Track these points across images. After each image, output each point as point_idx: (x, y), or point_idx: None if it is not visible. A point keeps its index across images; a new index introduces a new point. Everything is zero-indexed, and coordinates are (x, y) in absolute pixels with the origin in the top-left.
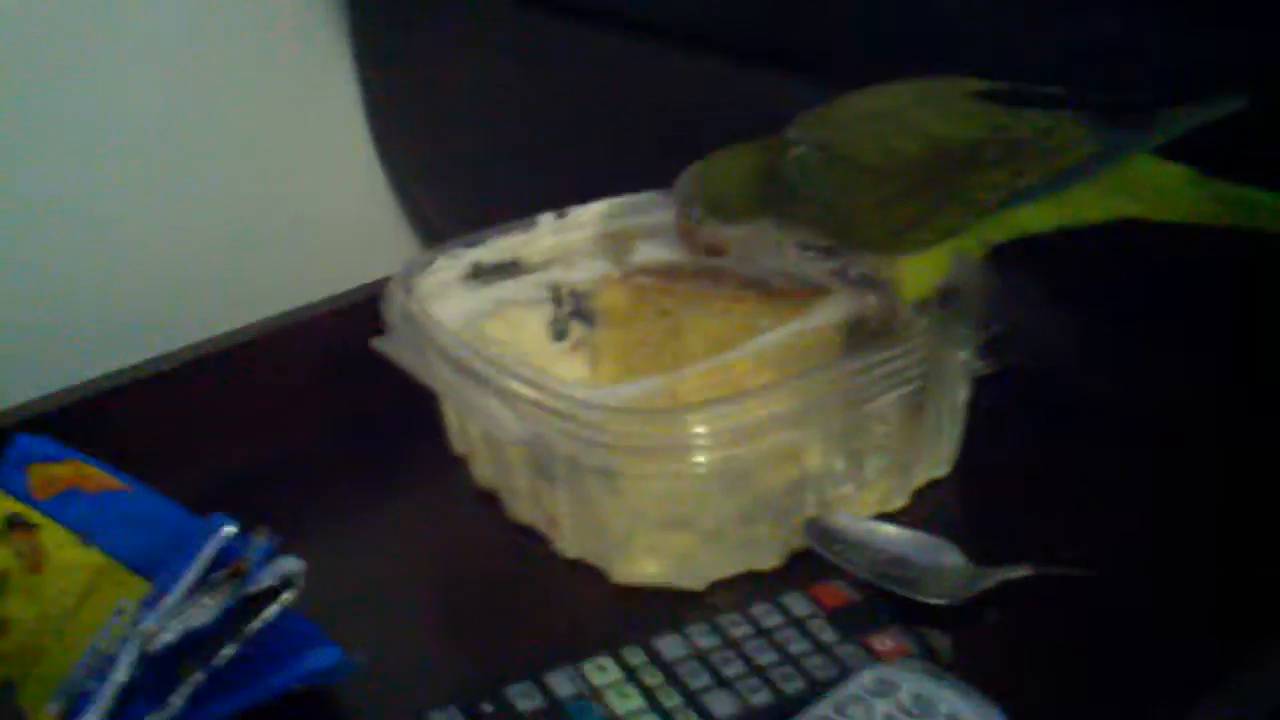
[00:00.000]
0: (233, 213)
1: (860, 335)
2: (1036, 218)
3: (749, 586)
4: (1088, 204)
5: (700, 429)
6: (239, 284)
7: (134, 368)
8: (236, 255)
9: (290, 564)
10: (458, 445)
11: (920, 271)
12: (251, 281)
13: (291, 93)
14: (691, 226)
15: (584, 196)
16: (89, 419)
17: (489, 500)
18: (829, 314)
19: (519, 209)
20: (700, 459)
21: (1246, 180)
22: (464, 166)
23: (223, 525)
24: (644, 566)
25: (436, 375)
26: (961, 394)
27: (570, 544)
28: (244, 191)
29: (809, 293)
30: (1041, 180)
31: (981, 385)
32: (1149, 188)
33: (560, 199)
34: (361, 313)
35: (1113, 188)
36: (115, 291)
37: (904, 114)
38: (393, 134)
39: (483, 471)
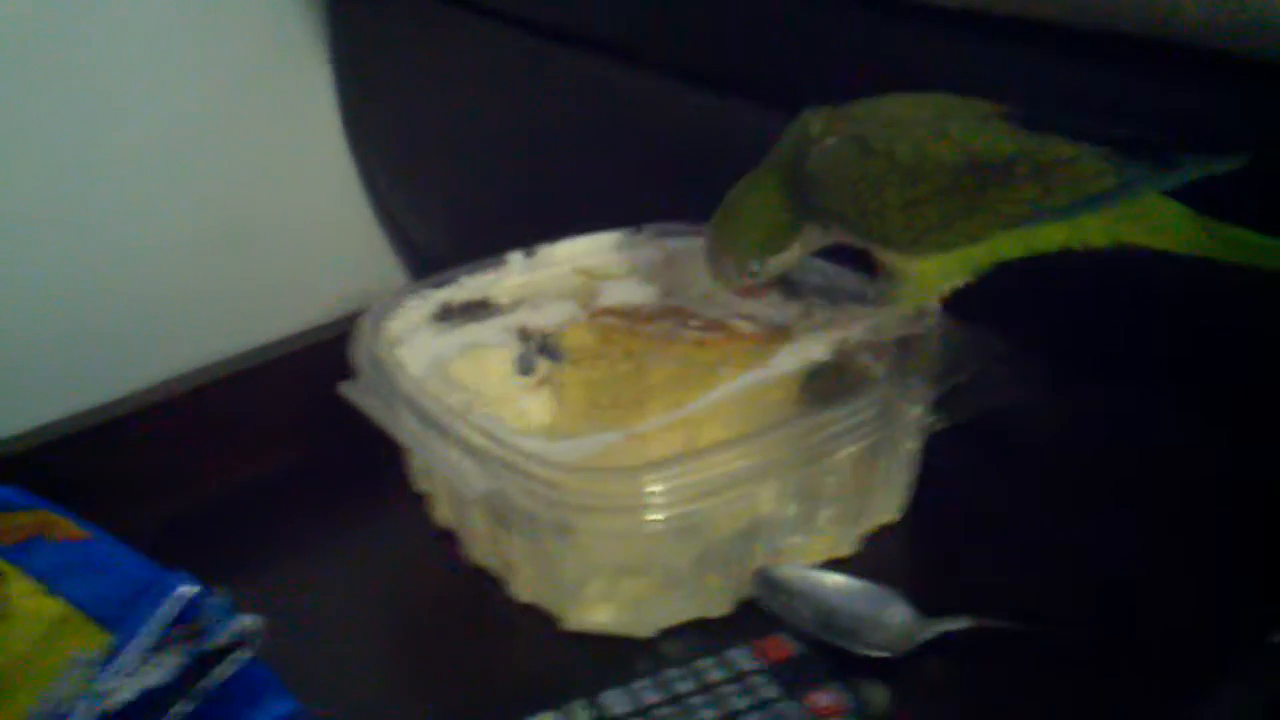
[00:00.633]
0: (210, 228)
1: (818, 385)
2: (1047, 237)
3: (697, 634)
4: (1095, 229)
5: (656, 487)
6: (216, 300)
7: (101, 408)
8: (213, 272)
9: (247, 622)
10: (420, 484)
11: (931, 277)
12: (229, 299)
13: (271, 109)
14: (751, 283)
15: (561, 220)
16: (55, 457)
17: (448, 539)
18: (787, 364)
19: (496, 227)
20: (656, 516)
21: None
22: (442, 184)
23: (181, 584)
24: (595, 614)
25: (401, 424)
26: (914, 445)
27: (524, 589)
28: (222, 207)
29: (771, 337)
30: (1066, 203)
31: (934, 436)
32: (1153, 219)
33: (537, 220)
34: (330, 351)
35: (1119, 216)
36: (91, 309)
37: (938, 122)
38: (372, 150)
39: (443, 512)
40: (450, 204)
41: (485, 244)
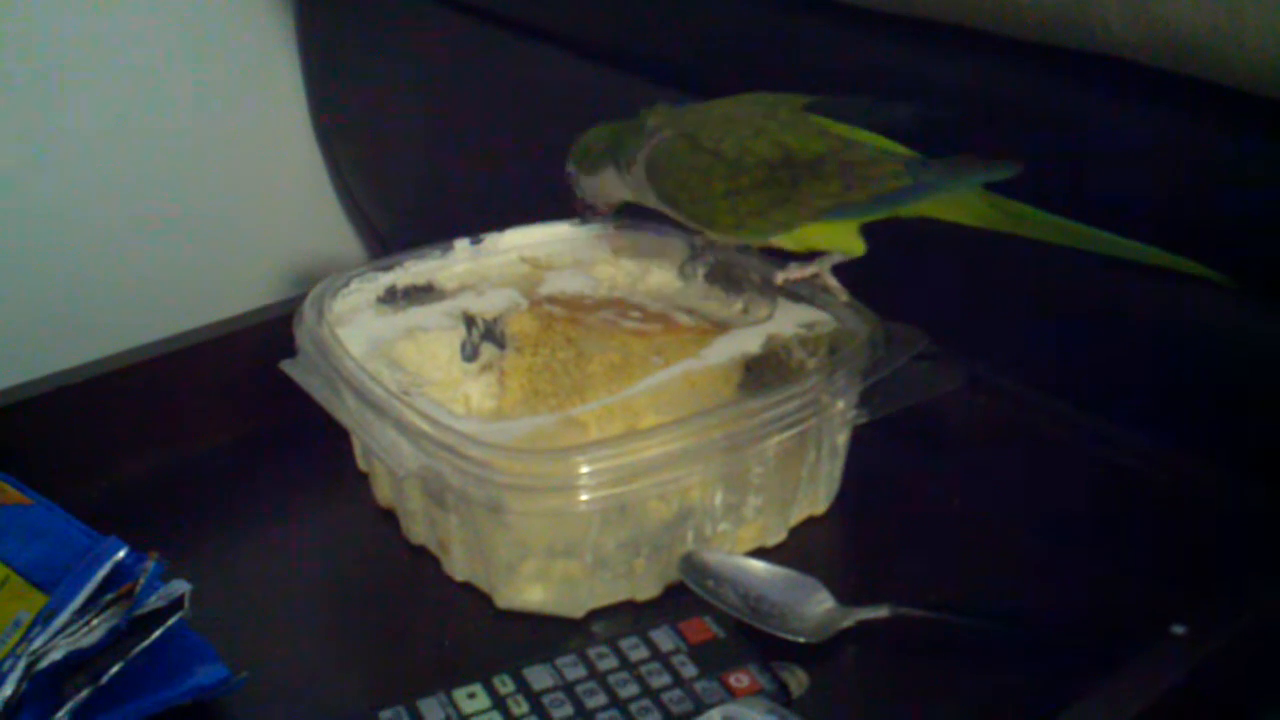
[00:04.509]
0: (175, 210)
1: (752, 376)
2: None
3: (625, 616)
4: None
5: (585, 469)
6: (178, 281)
7: (49, 377)
8: (176, 253)
9: (179, 587)
10: (361, 464)
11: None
12: (192, 279)
13: (238, 94)
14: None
15: (517, 208)
16: (1, 424)
17: (388, 518)
18: (721, 354)
19: (455, 215)
20: (584, 497)
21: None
22: (403, 170)
23: (115, 548)
24: (527, 593)
25: (339, 402)
26: (841, 438)
27: (459, 568)
28: (188, 189)
29: (709, 330)
30: (865, 198)
31: (862, 430)
32: (949, 197)
33: (494, 208)
34: (279, 329)
35: None
36: (51, 284)
37: (760, 122)
38: (336, 135)
39: (383, 491)
40: (411, 190)
41: (444, 230)
